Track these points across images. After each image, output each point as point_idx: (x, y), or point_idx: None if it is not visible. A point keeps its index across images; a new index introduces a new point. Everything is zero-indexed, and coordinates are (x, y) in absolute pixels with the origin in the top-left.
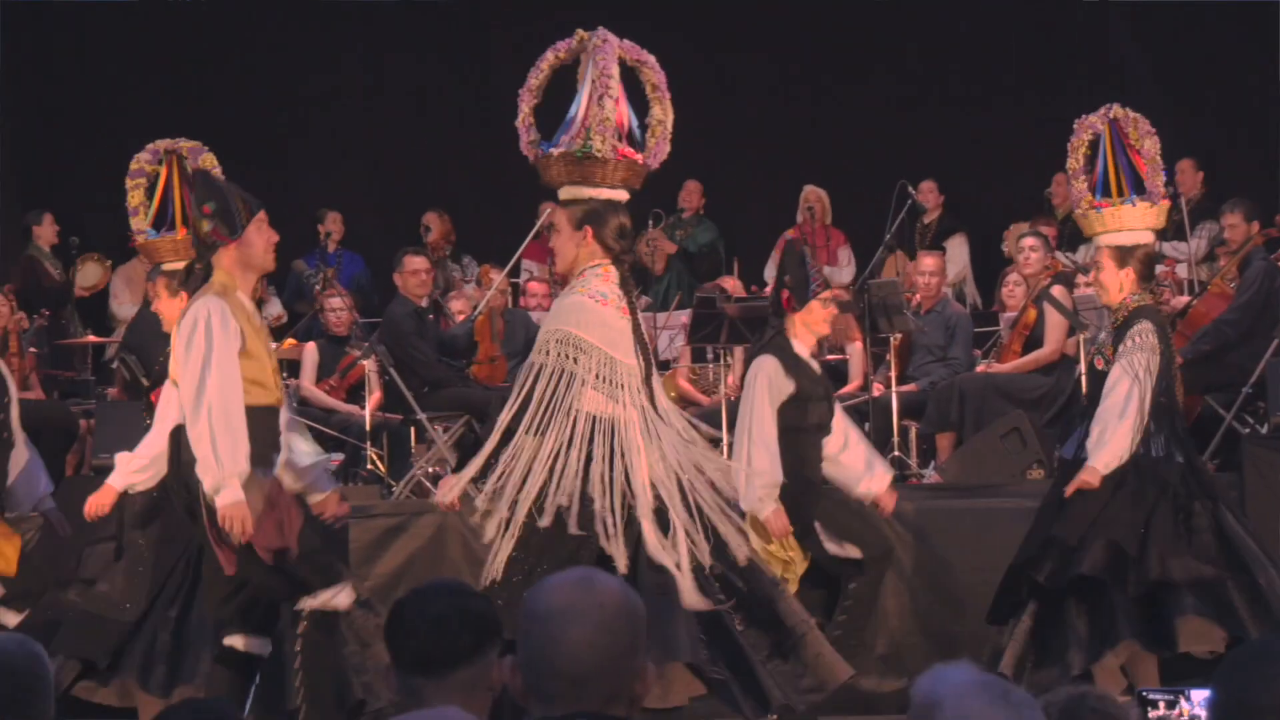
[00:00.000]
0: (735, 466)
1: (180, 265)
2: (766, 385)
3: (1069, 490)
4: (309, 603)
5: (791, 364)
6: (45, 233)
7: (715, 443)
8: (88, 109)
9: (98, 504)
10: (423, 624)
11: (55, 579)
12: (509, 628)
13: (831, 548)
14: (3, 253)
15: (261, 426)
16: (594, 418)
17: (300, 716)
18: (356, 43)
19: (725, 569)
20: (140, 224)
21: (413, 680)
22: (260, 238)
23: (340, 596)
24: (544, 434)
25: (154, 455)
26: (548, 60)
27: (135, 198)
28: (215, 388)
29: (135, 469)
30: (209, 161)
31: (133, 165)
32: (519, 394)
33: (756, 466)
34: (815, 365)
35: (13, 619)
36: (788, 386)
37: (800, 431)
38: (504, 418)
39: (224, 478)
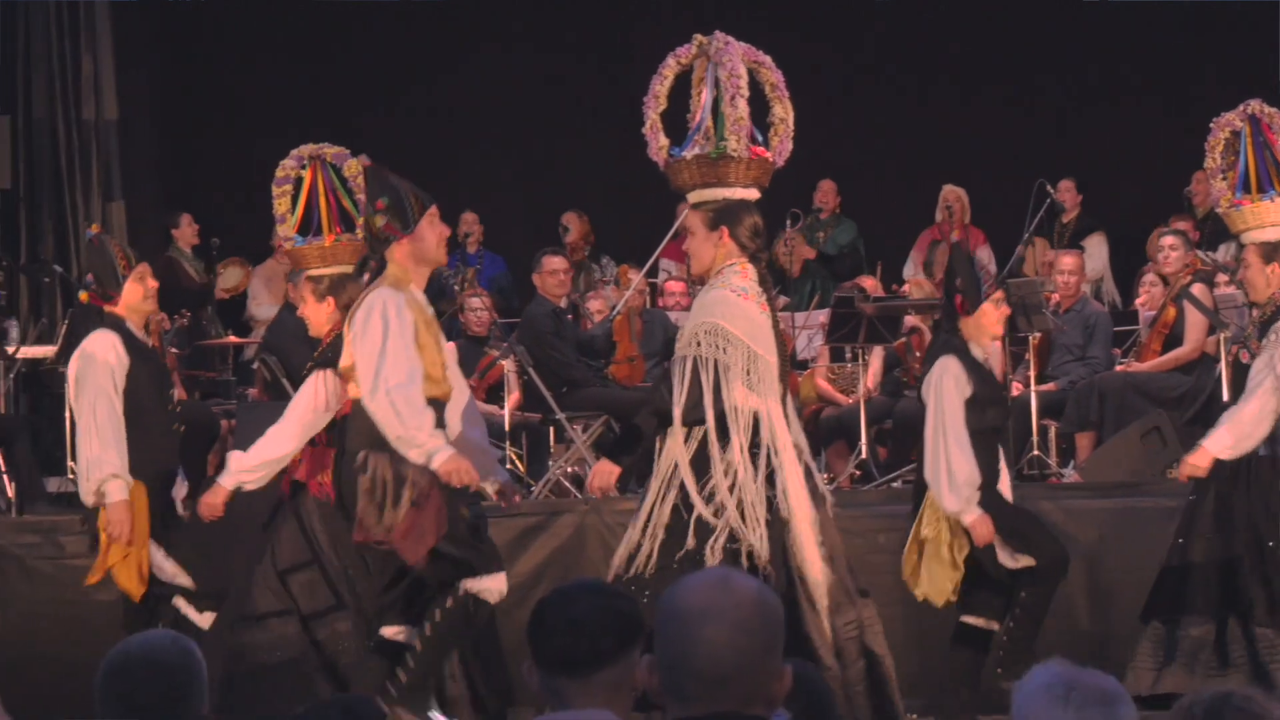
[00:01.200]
0: (932, 469)
1: (327, 271)
2: (954, 384)
3: (1182, 475)
4: (468, 584)
5: (970, 366)
6: (184, 234)
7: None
8: (228, 111)
9: (210, 504)
10: (566, 625)
11: (241, 614)
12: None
13: (1004, 558)
14: (144, 254)
15: None
16: (742, 410)
17: (401, 683)
18: (495, 42)
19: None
20: (286, 231)
21: (556, 680)
22: (432, 232)
23: (494, 588)
24: (717, 429)
25: (267, 459)
26: (669, 66)
27: (281, 205)
28: (391, 370)
29: (246, 468)
30: (353, 167)
31: (278, 173)
32: (682, 387)
33: (956, 467)
34: (990, 367)
35: (198, 617)
36: (968, 388)
37: (977, 434)
38: (677, 413)
39: (426, 444)
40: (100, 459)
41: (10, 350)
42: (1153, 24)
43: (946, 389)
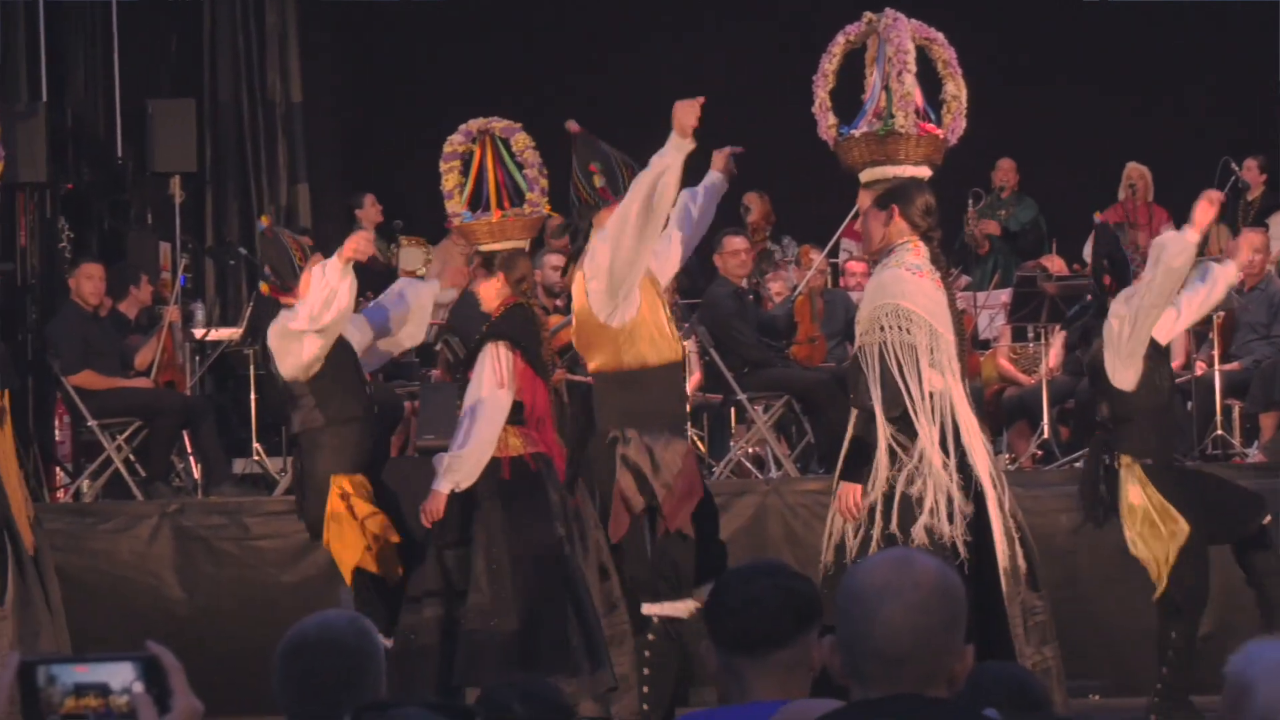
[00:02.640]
0: None
1: (497, 246)
2: None
3: None
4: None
5: None
6: (368, 215)
7: None
8: (410, 90)
9: (432, 512)
10: (744, 604)
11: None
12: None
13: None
14: (330, 235)
15: (669, 382)
16: (928, 392)
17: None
18: (672, 21)
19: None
20: (455, 206)
21: (733, 660)
22: None
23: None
24: (909, 414)
25: (470, 449)
26: (839, 44)
27: (450, 180)
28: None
29: (455, 467)
30: (522, 141)
31: (446, 148)
32: (876, 381)
33: None
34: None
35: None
36: None
37: None
38: (878, 409)
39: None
40: None
41: (197, 333)
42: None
43: None
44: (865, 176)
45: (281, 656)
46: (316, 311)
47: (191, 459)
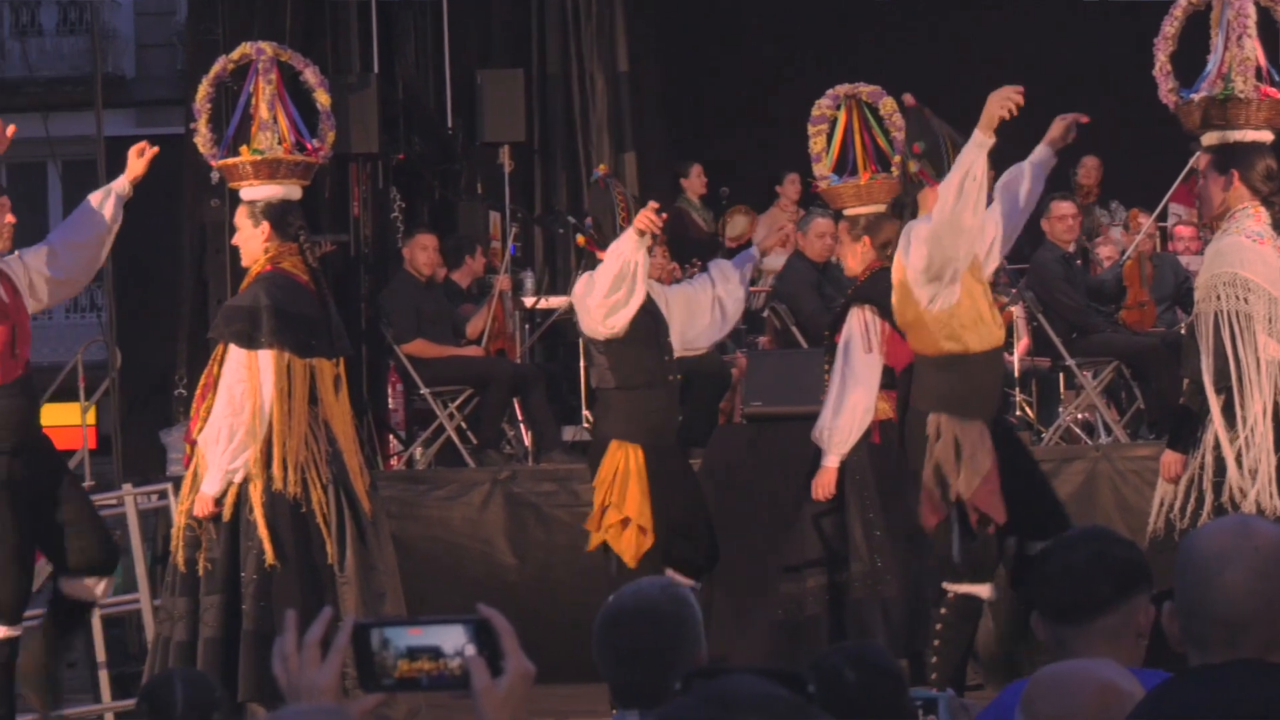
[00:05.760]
0: None
1: (862, 210)
2: None
3: None
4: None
5: None
6: (693, 184)
7: None
8: (735, 59)
9: (824, 485)
10: (1061, 573)
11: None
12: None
13: None
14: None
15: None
16: (1268, 361)
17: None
18: None
19: None
20: (822, 170)
21: (1058, 629)
22: None
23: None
24: (1240, 385)
25: (851, 421)
26: (1181, 6)
27: (817, 144)
28: None
29: (840, 439)
30: (888, 105)
31: (814, 112)
32: (1209, 351)
33: None
34: None
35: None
36: None
37: None
38: (1207, 380)
39: None
40: None
41: (527, 301)
42: None
43: None
44: (1205, 140)
45: (599, 627)
46: (609, 286)
47: (522, 426)
